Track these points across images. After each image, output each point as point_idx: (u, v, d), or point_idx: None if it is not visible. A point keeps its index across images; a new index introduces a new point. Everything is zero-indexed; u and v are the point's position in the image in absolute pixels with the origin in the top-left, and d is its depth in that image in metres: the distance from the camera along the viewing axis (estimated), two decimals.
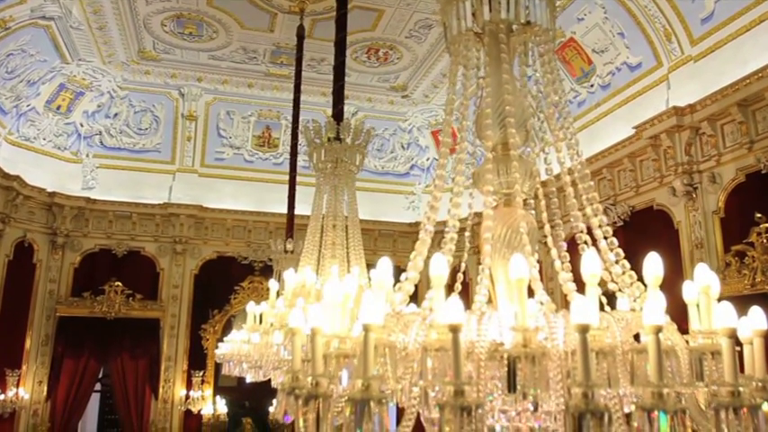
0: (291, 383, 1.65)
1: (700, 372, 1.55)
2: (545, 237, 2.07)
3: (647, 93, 9.06)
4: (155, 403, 12.03)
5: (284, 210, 9.42)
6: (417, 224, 13.03)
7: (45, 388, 11.49)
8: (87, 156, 12.53)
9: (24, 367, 11.34)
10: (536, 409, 1.58)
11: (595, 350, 1.34)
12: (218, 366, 11.98)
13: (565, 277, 1.68)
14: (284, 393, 1.69)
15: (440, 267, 1.44)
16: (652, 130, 8.40)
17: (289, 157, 12.01)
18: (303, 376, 1.60)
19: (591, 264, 1.41)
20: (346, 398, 1.37)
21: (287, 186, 8.87)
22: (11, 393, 10.96)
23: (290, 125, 12.50)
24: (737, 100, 7.39)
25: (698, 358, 1.56)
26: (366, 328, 1.38)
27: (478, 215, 1.95)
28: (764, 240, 7.01)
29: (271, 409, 12.34)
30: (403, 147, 13.77)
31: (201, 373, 12.19)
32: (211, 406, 12.13)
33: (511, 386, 1.30)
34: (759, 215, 7.06)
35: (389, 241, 13.16)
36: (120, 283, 12.15)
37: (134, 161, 12.75)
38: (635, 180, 9.10)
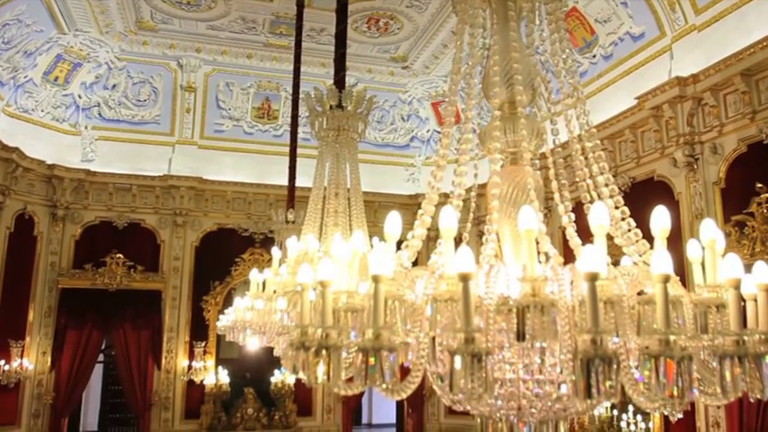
0: (300, 338, 1.66)
1: (704, 325, 1.57)
2: (551, 198, 2.08)
3: (650, 63, 8.99)
4: (157, 373, 12.16)
5: (284, 182, 9.41)
6: (417, 196, 13.09)
7: (49, 359, 11.61)
8: (86, 128, 12.46)
9: (28, 339, 11.44)
10: (542, 362, 1.61)
11: (603, 300, 1.36)
12: (219, 338, 12.10)
13: (571, 232, 1.70)
14: (293, 348, 1.71)
15: (449, 219, 1.45)
16: (654, 100, 8.36)
17: (288, 129, 12.02)
18: (312, 330, 1.61)
19: (599, 215, 1.42)
20: (356, 348, 1.39)
21: (287, 158, 8.85)
22: (15, 364, 11.08)
23: (289, 97, 12.41)
24: (741, 70, 7.35)
25: (702, 312, 1.57)
26: (375, 279, 1.40)
27: (482, 186, 1.96)
28: (764, 210, 7.02)
29: (272, 379, 12.50)
30: (403, 118, 13.70)
31: (203, 344, 12.31)
32: (214, 376, 12.26)
33: (520, 335, 1.32)
34: (760, 185, 7.06)
35: (389, 213, 13.15)
36: (121, 255, 12.20)
37: (133, 133, 12.69)
38: (636, 151, 9.08)
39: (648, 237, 1.88)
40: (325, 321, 1.49)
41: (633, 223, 1.91)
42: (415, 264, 1.88)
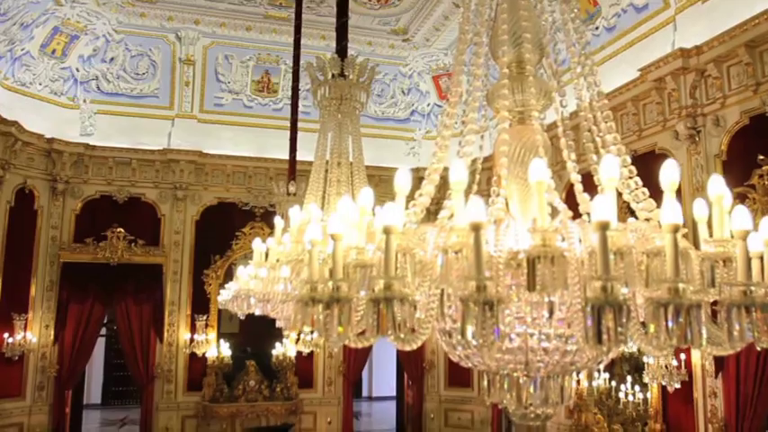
0: (310, 293, 1.67)
1: (711, 280, 1.59)
2: (556, 167, 2.09)
3: (653, 35, 8.92)
4: (160, 346, 12.27)
5: (284, 155, 9.39)
6: (418, 170, 13.05)
7: (52, 332, 11.69)
8: (84, 101, 12.38)
9: (31, 312, 11.51)
10: (551, 315, 1.63)
11: (613, 250, 1.37)
12: (220, 312, 12.17)
13: (579, 188, 1.70)
14: (302, 304, 1.72)
15: (459, 172, 1.45)
16: (657, 72, 8.31)
17: (288, 102, 11.94)
18: (321, 286, 1.62)
19: (609, 167, 1.42)
20: (367, 299, 1.40)
21: (287, 132, 8.82)
22: (19, 337, 11.16)
23: (289, 70, 12.31)
24: (745, 41, 7.29)
25: (710, 266, 1.59)
26: (386, 231, 1.41)
27: (487, 159, 1.97)
28: (766, 182, 7.03)
29: (274, 351, 12.62)
30: (403, 92, 13.62)
31: (205, 318, 12.39)
32: (215, 349, 12.37)
33: (530, 285, 1.33)
34: (761, 157, 7.06)
35: (389, 187, 13.07)
36: (122, 230, 12.22)
37: (132, 107, 12.62)
38: (638, 124, 9.05)
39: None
40: (336, 274, 1.50)
41: (640, 182, 1.92)
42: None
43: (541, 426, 1.80)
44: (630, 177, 1.86)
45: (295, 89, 7.62)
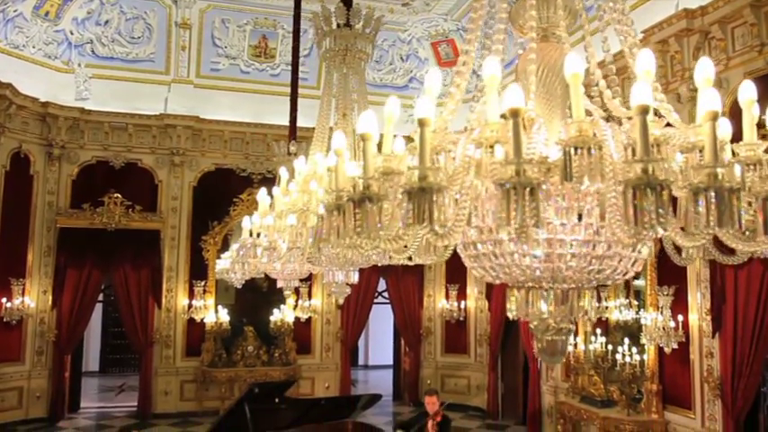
0: (336, 202, 1.66)
1: (741, 183, 1.58)
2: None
3: None
4: (158, 312, 12.30)
5: (281, 122, 9.31)
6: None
7: (50, 297, 11.69)
8: (79, 65, 12.20)
9: (28, 278, 11.49)
10: (580, 220, 1.62)
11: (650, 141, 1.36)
12: (218, 280, 12.17)
13: (608, 94, 1.69)
14: (328, 212, 1.71)
15: (493, 68, 1.43)
16: (660, 34, 8.24)
17: (285, 68, 11.82)
18: (348, 191, 1.60)
19: (645, 59, 1.41)
20: (402, 192, 1.38)
21: (284, 98, 8.76)
22: (17, 302, 11.15)
23: (286, 35, 12.18)
24: (750, 1, 7.23)
25: (740, 169, 1.58)
26: (421, 123, 1.39)
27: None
28: None
29: (272, 318, 12.67)
30: (402, 59, 13.48)
31: (203, 284, 12.40)
32: (214, 315, 12.41)
33: (567, 176, 1.32)
34: (764, 117, 7.04)
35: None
36: (119, 195, 12.16)
37: (128, 71, 12.44)
38: None
39: None
40: (367, 173, 1.49)
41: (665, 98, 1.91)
42: None
43: (562, 346, 1.82)
44: (656, 90, 1.84)
45: (296, 48, 7.53)
